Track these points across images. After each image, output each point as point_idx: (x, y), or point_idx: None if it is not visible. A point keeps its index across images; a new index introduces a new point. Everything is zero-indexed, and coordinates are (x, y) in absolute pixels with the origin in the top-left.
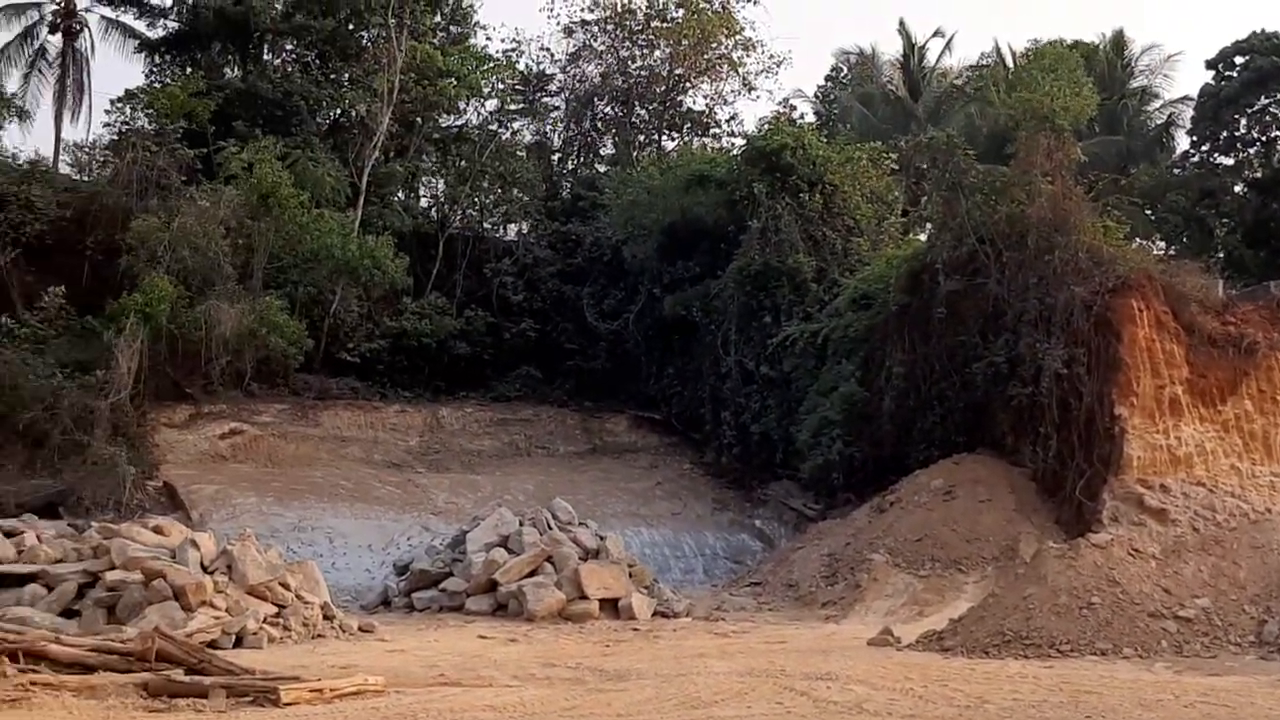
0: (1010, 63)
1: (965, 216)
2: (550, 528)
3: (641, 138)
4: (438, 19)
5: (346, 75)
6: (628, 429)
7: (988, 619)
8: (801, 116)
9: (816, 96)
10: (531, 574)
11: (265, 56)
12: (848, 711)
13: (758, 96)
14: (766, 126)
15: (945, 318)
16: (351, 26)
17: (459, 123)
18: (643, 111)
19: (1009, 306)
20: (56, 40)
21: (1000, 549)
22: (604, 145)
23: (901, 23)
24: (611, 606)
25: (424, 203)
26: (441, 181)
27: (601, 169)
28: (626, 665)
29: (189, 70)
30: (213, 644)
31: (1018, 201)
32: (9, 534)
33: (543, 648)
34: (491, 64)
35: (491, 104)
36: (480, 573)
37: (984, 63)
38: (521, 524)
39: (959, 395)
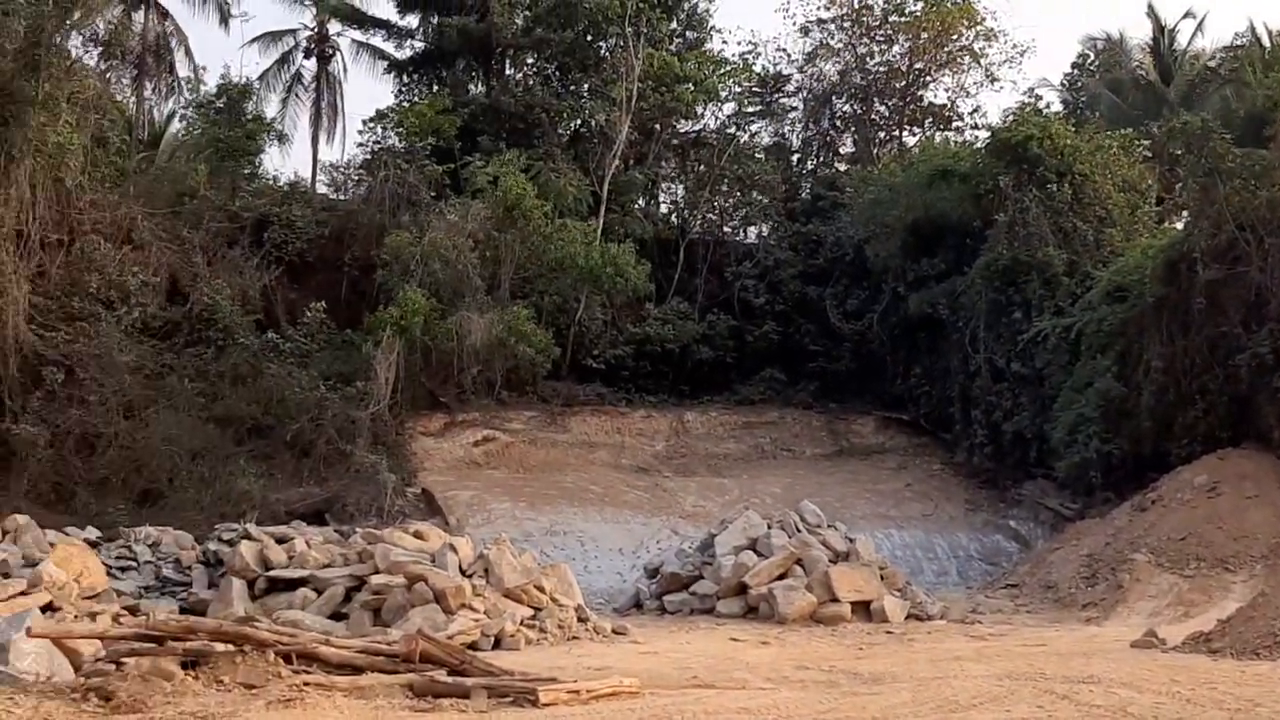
0: (1267, 42)
1: (1223, 203)
2: (799, 530)
3: (881, 134)
4: (674, 26)
5: (586, 86)
6: (874, 430)
7: (1258, 619)
8: (1048, 106)
9: (1063, 85)
10: (781, 577)
11: (507, 71)
12: (1111, 715)
13: (1001, 87)
14: (1011, 117)
15: (1205, 308)
16: (590, 37)
17: (697, 128)
18: (882, 108)
19: (1272, 295)
20: (311, 65)
21: (1269, 547)
22: (843, 144)
23: (1150, 6)
24: (863, 609)
25: (664, 209)
26: (681, 187)
27: (841, 168)
28: (881, 668)
29: (435, 88)
30: (472, 646)
31: (1279, 185)
32: (280, 540)
33: (795, 650)
34: (728, 68)
35: (729, 107)
36: (730, 576)
37: (1239, 43)
38: (769, 527)
39: (1222, 388)
